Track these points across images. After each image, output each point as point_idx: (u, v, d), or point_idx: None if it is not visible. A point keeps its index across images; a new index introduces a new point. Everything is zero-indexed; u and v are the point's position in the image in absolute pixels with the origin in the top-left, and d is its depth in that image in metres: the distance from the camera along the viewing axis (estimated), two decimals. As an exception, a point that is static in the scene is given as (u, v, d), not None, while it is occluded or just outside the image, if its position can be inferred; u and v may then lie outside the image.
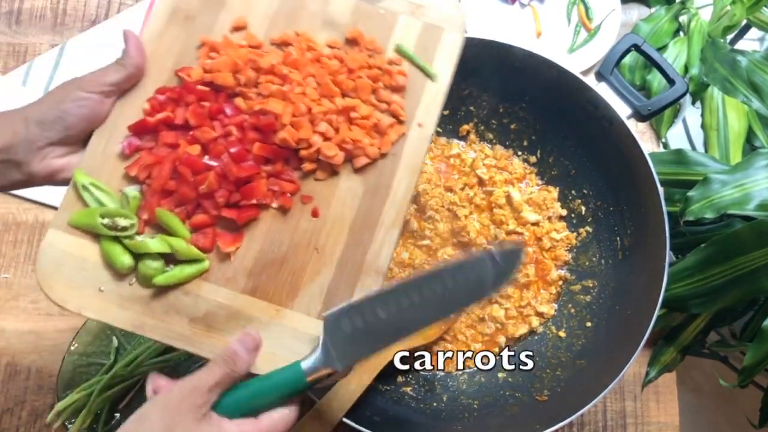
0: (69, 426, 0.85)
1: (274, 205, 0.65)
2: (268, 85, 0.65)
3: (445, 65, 0.69)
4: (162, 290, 0.62)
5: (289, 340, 0.62)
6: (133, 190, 0.64)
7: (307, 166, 0.66)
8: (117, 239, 0.62)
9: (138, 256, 0.62)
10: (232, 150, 0.64)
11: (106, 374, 0.87)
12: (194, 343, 0.62)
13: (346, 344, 0.57)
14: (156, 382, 0.56)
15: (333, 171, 0.66)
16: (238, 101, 0.66)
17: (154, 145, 0.65)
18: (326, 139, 0.65)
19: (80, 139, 0.65)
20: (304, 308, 0.63)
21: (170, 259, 0.63)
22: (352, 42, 0.69)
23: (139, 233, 0.63)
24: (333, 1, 0.70)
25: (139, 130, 0.65)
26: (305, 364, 0.56)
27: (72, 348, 0.90)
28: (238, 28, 0.69)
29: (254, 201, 0.64)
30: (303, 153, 0.65)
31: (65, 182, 0.65)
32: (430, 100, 0.68)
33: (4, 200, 1.00)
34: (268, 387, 0.56)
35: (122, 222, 0.62)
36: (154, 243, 0.62)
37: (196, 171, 0.63)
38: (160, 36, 0.68)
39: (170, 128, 0.65)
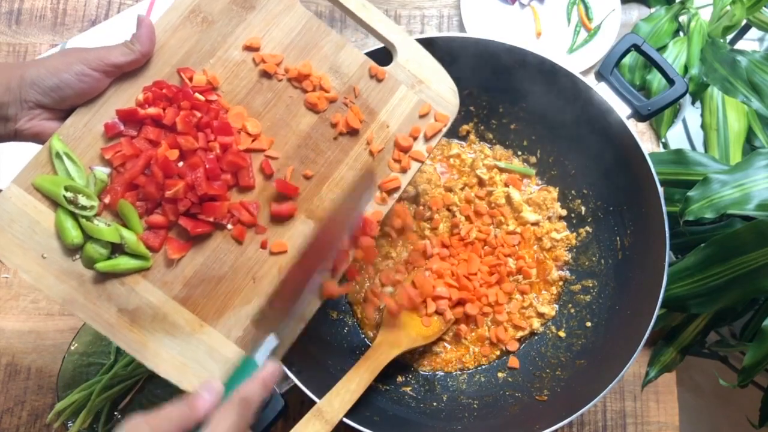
0: (69, 426, 0.85)
1: (229, 227, 0.67)
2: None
3: (426, 143, 0.72)
4: (101, 275, 0.65)
5: (204, 356, 0.65)
6: (102, 172, 0.65)
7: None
8: (74, 215, 0.64)
9: (88, 237, 0.64)
10: (208, 166, 0.65)
11: (106, 374, 0.87)
12: (115, 333, 0.64)
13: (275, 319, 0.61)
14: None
15: (291, 215, 0.69)
16: (233, 119, 0.67)
17: (135, 135, 0.66)
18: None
19: (69, 108, 0.66)
20: (225, 330, 0.66)
21: (117, 248, 0.65)
22: (349, 92, 0.71)
23: (96, 215, 0.65)
24: (345, 50, 0.71)
25: (126, 117, 0.66)
26: (259, 357, 0.58)
27: (72, 348, 0.90)
28: (250, 48, 0.70)
29: (212, 219, 0.65)
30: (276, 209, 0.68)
31: None
32: (405, 178, 0.72)
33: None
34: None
35: (84, 201, 0.64)
36: (108, 231, 0.63)
37: (168, 174, 0.64)
38: (174, 31, 0.69)
39: (156, 125, 0.66)
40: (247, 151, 0.68)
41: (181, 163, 0.65)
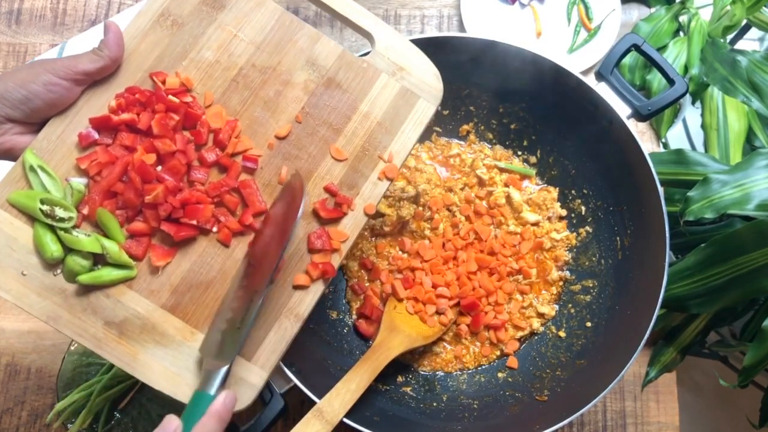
0: (69, 426, 0.85)
1: (215, 230, 0.65)
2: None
3: (412, 131, 0.71)
4: (85, 288, 0.63)
5: (196, 365, 0.63)
6: (78, 183, 0.63)
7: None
8: (52, 228, 0.62)
9: (69, 249, 0.62)
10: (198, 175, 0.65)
11: (106, 374, 0.87)
12: (103, 347, 0.62)
13: (224, 345, 0.61)
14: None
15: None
16: (212, 119, 0.66)
17: (110, 143, 0.65)
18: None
19: (41, 121, 0.64)
20: None
21: (100, 259, 0.63)
22: (328, 84, 0.70)
23: (75, 227, 0.63)
24: (321, 42, 0.70)
25: (100, 125, 0.65)
26: (211, 389, 0.58)
27: (72, 348, 0.90)
28: (221, 48, 0.69)
29: (195, 222, 0.64)
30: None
31: None
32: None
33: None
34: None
35: (61, 213, 0.62)
36: (88, 241, 0.61)
37: (147, 180, 0.63)
38: (144, 35, 0.68)
39: (131, 131, 0.65)
40: (234, 154, 0.67)
41: (159, 167, 0.64)
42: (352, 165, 0.69)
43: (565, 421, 0.73)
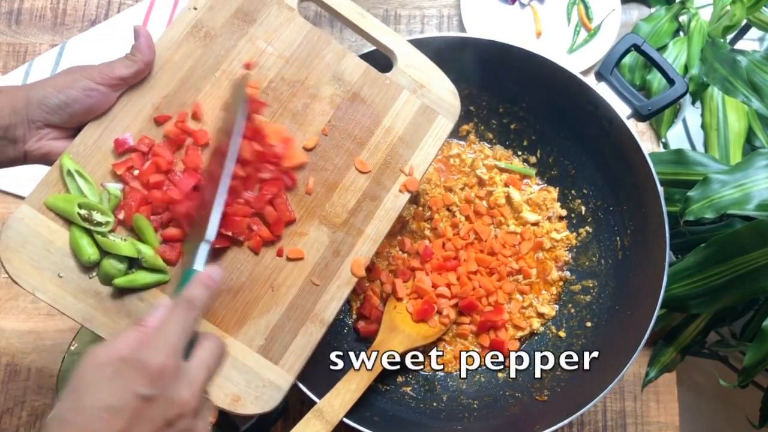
0: (69, 426, 0.85)
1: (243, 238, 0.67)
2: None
3: (432, 146, 0.73)
4: (119, 291, 0.64)
5: (227, 368, 0.64)
6: (115, 188, 0.65)
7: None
8: (88, 232, 0.63)
9: (104, 253, 0.63)
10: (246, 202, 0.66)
11: (106, 374, 0.87)
12: None
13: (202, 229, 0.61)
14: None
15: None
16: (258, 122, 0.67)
17: (146, 151, 0.66)
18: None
19: (78, 126, 0.66)
20: (247, 340, 0.66)
21: (134, 263, 0.64)
22: (353, 99, 0.72)
23: (111, 231, 0.64)
24: (346, 58, 0.72)
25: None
26: (197, 266, 0.58)
27: (72, 348, 0.90)
28: (249, 66, 0.71)
29: (230, 233, 0.65)
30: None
31: None
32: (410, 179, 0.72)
33: (4, 200, 1.00)
34: None
35: (98, 217, 0.63)
36: (125, 246, 0.62)
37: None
38: (178, 46, 0.69)
39: (167, 141, 0.67)
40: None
41: None
42: (375, 177, 0.71)
43: (565, 421, 0.73)
